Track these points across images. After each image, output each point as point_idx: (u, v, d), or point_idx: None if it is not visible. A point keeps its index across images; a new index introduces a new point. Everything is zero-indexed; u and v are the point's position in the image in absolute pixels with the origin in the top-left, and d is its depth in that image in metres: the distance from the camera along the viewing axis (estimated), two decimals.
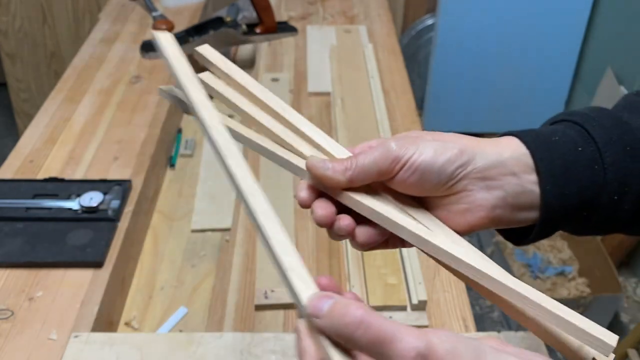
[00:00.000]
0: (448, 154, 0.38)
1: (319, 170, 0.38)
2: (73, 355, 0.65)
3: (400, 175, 0.38)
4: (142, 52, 1.20)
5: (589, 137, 0.39)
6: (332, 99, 1.14)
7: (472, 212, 0.39)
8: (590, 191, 0.39)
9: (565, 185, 0.38)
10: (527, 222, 0.40)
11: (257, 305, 0.75)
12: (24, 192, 0.84)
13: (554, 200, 0.38)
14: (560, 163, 0.38)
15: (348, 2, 1.56)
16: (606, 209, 0.39)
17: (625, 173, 0.38)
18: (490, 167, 0.39)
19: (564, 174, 0.38)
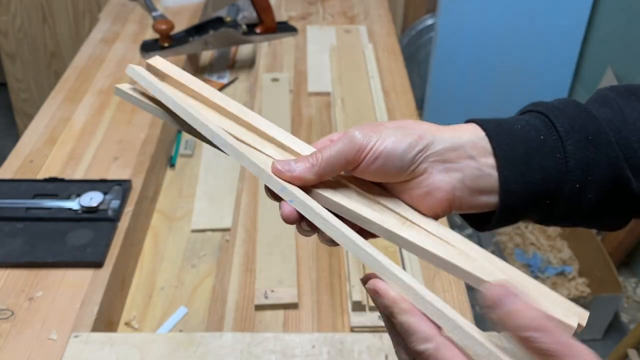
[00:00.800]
0: (408, 139, 0.39)
1: (286, 175, 0.39)
2: (73, 355, 0.65)
3: (364, 163, 0.39)
4: (142, 52, 1.20)
5: (551, 125, 0.40)
6: (332, 99, 1.14)
7: (433, 195, 0.40)
8: (553, 179, 0.39)
9: (526, 172, 0.39)
10: (489, 207, 0.41)
11: (257, 305, 0.75)
12: (24, 192, 0.84)
13: (514, 186, 0.39)
14: (521, 151, 0.39)
15: (348, 2, 1.56)
16: (569, 198, 0.39)
17: (587, 162, 0.39)
18: (449, 150, 0.39)
19: (524, 161, 0.39)
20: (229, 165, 1.03)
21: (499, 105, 2.38)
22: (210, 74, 1.31)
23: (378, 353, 0.66)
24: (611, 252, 1.70)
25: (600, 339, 1.68)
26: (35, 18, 2.00)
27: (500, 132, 0.40)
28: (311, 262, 0.82)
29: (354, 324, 0.71)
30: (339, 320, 0.74)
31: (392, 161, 0.39)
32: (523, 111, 0.43)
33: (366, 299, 0.73)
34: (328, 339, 0.67)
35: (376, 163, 0.39)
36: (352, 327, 0.71)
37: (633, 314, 1.79)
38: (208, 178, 1.00)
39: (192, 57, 1.27)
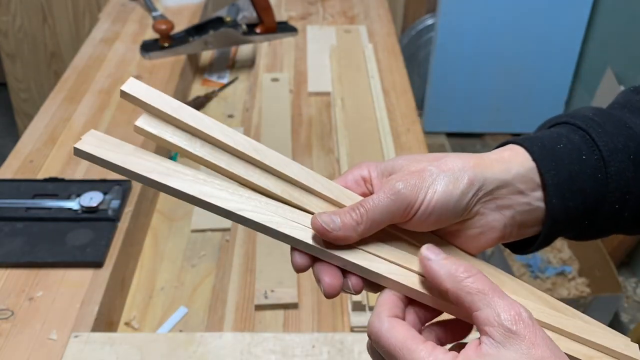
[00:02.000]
0: (460, 186, 0.36)
1: (331, 234, 0.35)
2: (73, 355, 0.65)
3: (416, 219, 0.36)
4: (142, 52, 1.20)
5: (593, 144, 0.38)
6: (332, 99, 1.14)
7: (485, 235, 0.38)
8: (593, 200, 0.38)
9: (570, 197, 0.38)
10: (528, 235, 0.40)
11: (257, 305, 0.75)
12: (24, 192, 0.84)
13: (558, 214, 0.38)
14: (565, 175, 0.38)
15: (348, 2, 1.56)
16: (607, 217, 0.39)
17: (627, 182, 0.38)
18: (500, 188, 0.38)
19: (569, 186, 0.38)
20: None
21: (499, 105, 2.38)
22: (210, 73, 1.31)
23: None
24: (611, 252, 1.70)
25: None
26: (35, 18, 2.00)
27: (546, 156, 0.38)
28: None
29: (354, 323, 0.71)
30: (338, 320, 0.74)
31: (445, 212, 0.36)
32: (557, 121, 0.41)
33: (366, 299, 0.73)
34: (328, 338, 0.67)
35: (430, 218, 0.36)
36: (352, 327, 0.71)
37: (633, 314, 1.79)
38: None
39: (192, 57, 1.27)
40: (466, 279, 0.32)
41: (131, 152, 0.38)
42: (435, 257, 0.34)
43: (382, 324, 0.33)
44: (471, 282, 0.32)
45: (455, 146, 2.44)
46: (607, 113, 0.40)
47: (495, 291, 0.32)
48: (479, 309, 0.31)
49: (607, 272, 1.62)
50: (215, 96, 1.22)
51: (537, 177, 0.38)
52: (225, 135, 0.37)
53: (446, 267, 0.33)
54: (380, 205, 0.35)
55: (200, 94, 1.21)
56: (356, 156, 0.94)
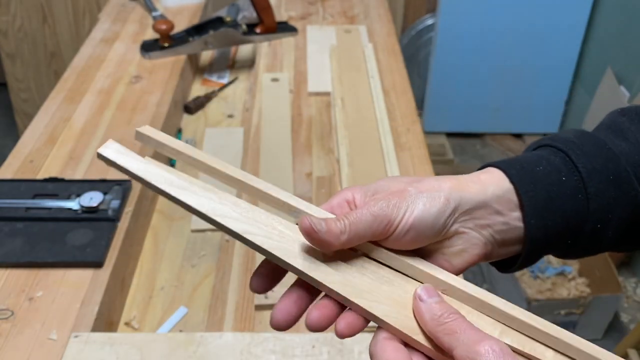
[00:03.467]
0: (437, 205, 0.37)
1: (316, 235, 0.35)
2: (73, 355, 0.65)
3: (395, 235, 0.37)
4: (142, 52, 1.20)
5: (572, 165, 0.39)
6: (332, 99, 1.14)
7: (466, 252, 0.40)
8: (574, 220, 0.39)
9: (549, 216, 0.39)
10: (512, 254, 0.41)
11: (257, 305, 0.75)
12: (24, 192, 0.84)
13: (537, 233, 0.39)
14: (544, 195, 0.39)
15: (348, 2, 1.56)
16: (589, 236, 0.40)
17: (608, 202, 0.39)
18: (477, 208, 0.39)
19: (547, 205, 0.39)
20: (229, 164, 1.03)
21: (498, 105, 2.38)
22: (210, 73, 1.31)
23: None
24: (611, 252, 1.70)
25: (600, 339, 1.68)
26: (35, 18, 2.00)
27: (524, 178, 0.39)
28: None
29: None
30: None
31: (423, 231, 0.37)
32: (540, 144, 0.42)
33: None
34: (328, 339, 0.67)
35: (408, 235, 0.37)
36: None
37: (633, 314, 1.79)
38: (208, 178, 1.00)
39: (192, 57, 1.27)
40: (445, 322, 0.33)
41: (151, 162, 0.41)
42: (428, 299, 0.35)
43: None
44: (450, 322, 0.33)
45: (455, 146, 2.45)
46: (588, 135, 0.41)
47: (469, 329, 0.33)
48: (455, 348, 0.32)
49: (607, 272, 1.62)
50: (215, 96, 1.22)
51: (514, 198, 0.39)
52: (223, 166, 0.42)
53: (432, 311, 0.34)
54: (362, 220, 0.36)
55: (200, 94, 1.21)
56: (356, 156, 0.94)
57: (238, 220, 0.38)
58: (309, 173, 0.98)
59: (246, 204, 0.40)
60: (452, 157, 2.37)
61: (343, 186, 0.91)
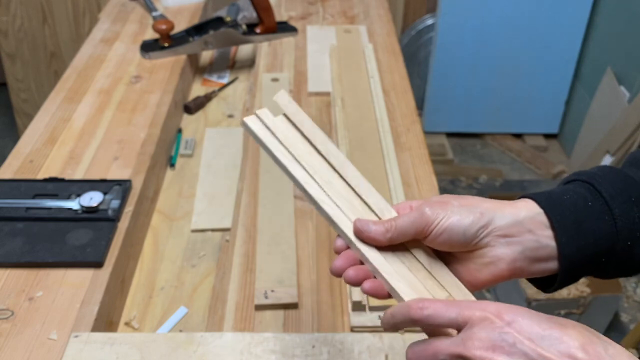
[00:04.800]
0: (471, 217, 0.44)
1: (363, 234, 0.46)
2: (73, 355, 0.65)
3: (432, 235, 0.45)
4: (142, 52, 1.20)
5: (596, 192, 0.45)
6: (332, 99, 1.14)
7: (495, 265, 0.45)
8: (604, 240, 0.44)
9: (580, 237, 0.44)
10: (547, 272, 0.46)
11: (257, 305, 0.75)
12: (24, 192, 0.84)
13: (570, 250, 0.44)
14: (572, 218, 0.44)
15: (348, 2, 1.56)
16: (621, 255, 0.44)
17: (633, 221, 0.44)
18: (509, 226, 0.44)
19: (577, 227, 0.44)
20: (229, 165, 1.03)
21: (499, 104, 2.38)
22: (210, 73, 1.31)
23: (378, 353, 0.66)
24: None
25: None
26: (35, 18, 2.00)
27: (553, 204, 0.45)
28: (311, 262, 0.82)
29: (354, 324, 0.71)
30: (338, 320, 0.74)
31: (455, 236, 0.44)
32: (567, 181, 0.48)
33: (366, 299, 0.73)
34: (328, 339, 0.67)
35: (442, 237, 0.44)
36: (352, 327, 0.71)
37: (633, 314, 1.79)
38: (208, 178, 1.00)
39: (192, 57, 1.27)
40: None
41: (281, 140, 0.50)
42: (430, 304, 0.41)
43: None
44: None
45: (455, 146, 2.44)
46: (610, 168, 0.47)
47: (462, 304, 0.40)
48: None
49: None
50: (215, 96, 1.22)
51: (545, 220, 0.45)
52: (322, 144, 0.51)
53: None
54: (407, 221, 0.45)
55: (200, 94, 1.21)
56: (356, 156, 0.94)
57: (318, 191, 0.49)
58: None
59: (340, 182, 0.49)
60: (452, 157, 2.37)
61: None
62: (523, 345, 0.36)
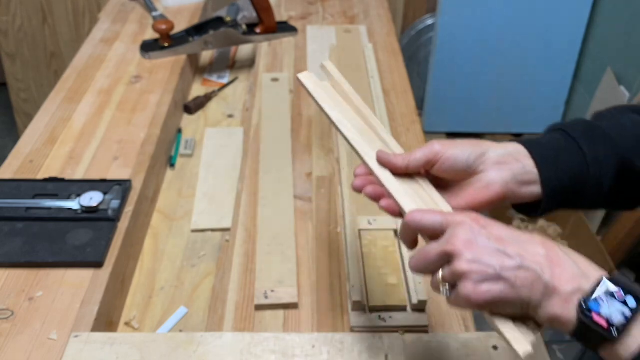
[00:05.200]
0: (470, 149, 0.55)
1: (387, 157, 0.57)
2: (73, 355, 0.65)
3: (439, 164, 0.55)
4: (142, 52, 1.20)
5: (568, 135, 0.57)
6: None
7: (490, 187, 0.54)
8: (578, 170, 0.55)
9: (557, 166, 0.55)
10: (533, 195, 0.55)
11: (257, 305, 0.75)
12: (24, 192, 0.84)
13: (550, 175, 0.55)
14: (550, 153, 0.56)
15: (348, 2, 1.56)
16: (593, 184, 0.55)
17: (599, 155, 0.55)
18: (500, 156, 0.55)
19: (554, 159, 0.55)
20: (229, 165, 1.03)
21: (499, 104, 2.38)
22: (210, 73, 1.31)
23: (378, 353, 0.66)
24: (611, 252, 1.70)
25: None
26: (35, 18, 2.00)
27: (533, 144, 0.56)
28: (311, 262, 0.82)
29: (354, 324, 0.71)
30: (338, 320, 0.74)
31: (458, 164, 0.55)
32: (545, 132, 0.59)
33: (366, 299, 0.73)
34: (328, 339, 0.67)
35: (447, 164, 0.55)
36: (352, 327, 0.71)
37: None
38: (208, 178, 1.00)
39: (192, 57, 1.27)
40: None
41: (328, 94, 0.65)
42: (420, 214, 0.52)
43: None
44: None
45: None
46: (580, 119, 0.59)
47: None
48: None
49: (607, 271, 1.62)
50: (215, 96, 1.22)
51: (527, 153, 0.56)
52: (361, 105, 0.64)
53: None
54: (420, 152, 0.55)
55: (200, 94, 1.21)
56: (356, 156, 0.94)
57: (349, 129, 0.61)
58: (309, 173, 0.98)
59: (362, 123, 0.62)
60: None
61: (343, 186, 0.92)
62: (493, 243, 0.46)
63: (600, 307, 0.43)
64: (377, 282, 0.74)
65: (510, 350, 0.46)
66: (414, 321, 0.71)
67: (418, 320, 0.72)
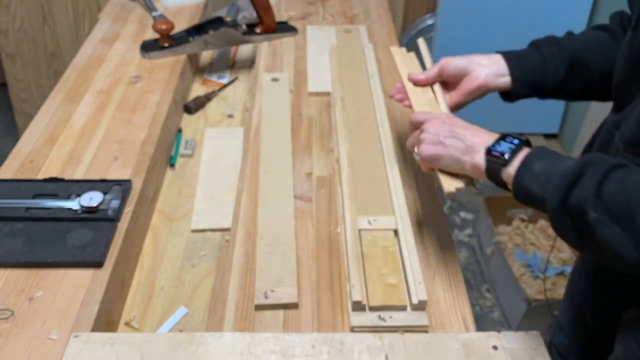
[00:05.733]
0: (465, 58, 0.84)
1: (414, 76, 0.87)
2: (73, 355, 0.65)
3: (446, 71, 0.85)
4: (142, 52, 1.20)
5: (533, 45, 0.84)
6: (332, 99, 1.14)
7: (475, 79, 0.83)
8: (539, 66, 0.82)
9: (522, 64, 0.82)
10: (506, 85, 0.83)
11: (257, 305, 0.75)
12: (24, 192, 0.84)
13: (517, 69, 0.82)
14: (517, 56, 0.84)
15: (348, 2, 1.56)
16: (552, 78, 0.82)
17: (555, 54, 0.82)
18: (485, 59, 0.84)
19: (520, 60, 0.83)
20: (229, 165, 1.03)
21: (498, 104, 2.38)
22: (210, 73, 1.31)
23: (378, 353, 0.66)
24: None
25: None
26: (35, 18, 2.00)
27: (508, 53, 0.85)
28: (311, 262, 0.82)
29: (354, 324, 0.71)
30: (338, 320, 0.74)
31: (458, 67, 0.84)
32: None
33: (366, 299, 0.73)
34: (328, 339, 0.67)
35: (450, 69, 0.84)
36: (352, 327, 0.71)
37: None
38: (208, 178, 1.00)
39: (192, 57, 1.27)
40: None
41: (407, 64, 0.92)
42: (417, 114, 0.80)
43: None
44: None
45: None
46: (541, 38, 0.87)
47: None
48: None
49: None
50: (215, 96, 1.22)
51: (500, 56, 0.84)
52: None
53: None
54: (434, 67, 0.86)
55: (200, 94, 1.21)
56: (356, 156, 0.94)
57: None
58: (309, 173, 0.98)
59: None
60: None
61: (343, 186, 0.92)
62: (447, 125, 0.72)
63: (498, 147, 0.67)
64: (377, 282, 0.74)
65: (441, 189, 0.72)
66: (414, 321, 0.71)
67: (418, 320, 0.72)
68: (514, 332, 0.69)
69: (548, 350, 0.68)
